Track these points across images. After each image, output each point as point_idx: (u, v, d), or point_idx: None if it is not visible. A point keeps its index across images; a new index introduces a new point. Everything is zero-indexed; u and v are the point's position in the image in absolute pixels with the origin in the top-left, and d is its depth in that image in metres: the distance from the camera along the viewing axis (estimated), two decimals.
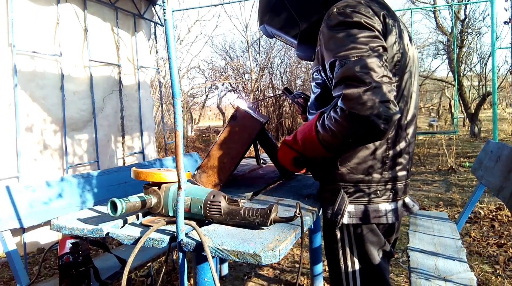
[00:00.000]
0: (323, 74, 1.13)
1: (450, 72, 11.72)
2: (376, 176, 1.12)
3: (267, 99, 9.77)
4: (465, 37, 10.53)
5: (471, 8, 10.42)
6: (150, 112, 4.26)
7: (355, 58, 0.96)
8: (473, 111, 10.23)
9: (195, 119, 15.33)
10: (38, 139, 2.96)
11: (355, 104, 0.92)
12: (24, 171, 2.75)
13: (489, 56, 11.18)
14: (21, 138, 2.73)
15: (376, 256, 1.15)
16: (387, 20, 1.08)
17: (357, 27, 1.01)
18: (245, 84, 10.52)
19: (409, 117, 1.17)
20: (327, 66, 1.06)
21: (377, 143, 1.11)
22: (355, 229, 1.15)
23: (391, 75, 0.97)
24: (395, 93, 0.95)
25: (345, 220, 1.12)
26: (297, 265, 2.75)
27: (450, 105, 14.97)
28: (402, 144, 1.15)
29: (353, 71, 0.94)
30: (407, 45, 1.15)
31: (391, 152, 1.13)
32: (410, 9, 5.82)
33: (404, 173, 1.18)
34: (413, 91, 1.18)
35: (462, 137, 10.28)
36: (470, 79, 13.04)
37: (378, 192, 1.13)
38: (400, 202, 1.18)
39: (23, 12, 2.81)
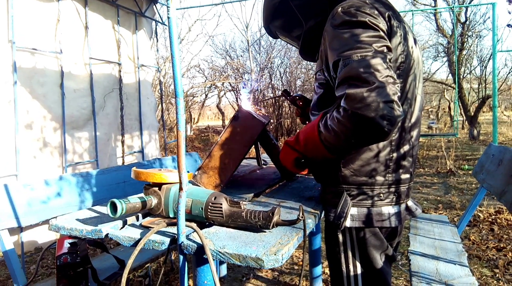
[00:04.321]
0: (326, 74, 1.12)
1: (450, 75, 11.73)
2: (380, 178, 1.11)
3: (266, 100, 9.75)
4: (466, 39, 10.53)
5: (472, 11, 10.43)
6: (152, 110, 4.23)
7: (359, 58, 0.94)
8: (472, 113, 10.24)
9: (194, 118, 15.31)
10: (37, 137, 2.93)
11: (358, 104, 0.90)
12: (23, 169, 2.73)
13: (489, 58, 11.19)
14: (20, 136, 2.71)
15: (379, 260, 1.14)
16: (392, 21, 1.07)
17: (362, 26, 1.00)
18: (245, 84, 10.49)
19: (413, 120, 1.16)
20: (331, 66, 1.04)
21: (381, 145, 1.10)
22: (358, 233, 1.14)
23: (395, 76, 0.95)
24: (399, 94, 0.93)
25: (348, 223, 1.11)
26: (296, 267, 2.74)
27: (449, 107, 15.00)
28: (406, 147, 1.14)
29: (357, 71, 0.93)
30: (412, 47, 1.14)
31: (395, 154, 1.12)
32: (411, 11, 5.81)
33: (407, 176, 1.16)
34: (417, 93, 1.17)
35: (461, 140, 10.28)
36: (470, 81, 13.04)
37: (382, 195, 1.12)
38: (403, 206, 1.16)
39: (23, 9, 2.79)
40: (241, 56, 11.53)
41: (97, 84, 3.37)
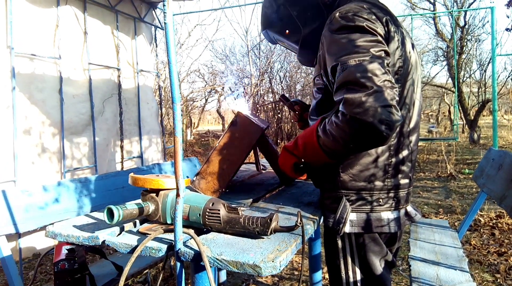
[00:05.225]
0: (325, 79, 1.11)
1: (450, 79, 11.74)
2: (379, 184, 1.10)
3: (265, 105, 9.76)
4: (465, 43, 10.56)
5: (471, 15, 10.49)
6: (154, 115, 4.23)
7: (357, 63, 0.94)
8: (472, 117, 10.24)
9: (194, 123, 15.30)
10: (36, 142, 2.93)
11: (356, 109, 0.90)
12: (21, 175, 2.72)
13: (489, 62, 11.21)
14: (19, 141, 2.71)
15: (378, 266, 1.13)
16: (389, 26, 1.07)
17: (359, 31, 0.99)
18: (245, 89, 10.51)
19: (411, 125, 1.15)
20: (329, 71, 1.04)
21: (380, 150, 1.09)
22: (357, 238, 1.13)
23: (393, 80, 0.95)
24: (397, 98, 0.93)
25: (347, 228, 1.10)
26: (296, 272, 2.72)
27: (449, 111, 15.00)
28: (405, 152, 1.13)
29: (355, 76, 0.93)
30: (409, 52, 1.13)
31: (393, 159, 1.11)
32: (411, 15, 5.84)
33: (406, 181, 1.15)
34: (415, 98, 1.16)
35: (461, 144, 10.27)
36: (470, 85, 13.06)
37: (381, 200, 1.11)
38: (402, 211, 1.15)
39: (22, 14, 2.80)
40: (241, 60, 11.56)
41: (96, 90, 3.37)
